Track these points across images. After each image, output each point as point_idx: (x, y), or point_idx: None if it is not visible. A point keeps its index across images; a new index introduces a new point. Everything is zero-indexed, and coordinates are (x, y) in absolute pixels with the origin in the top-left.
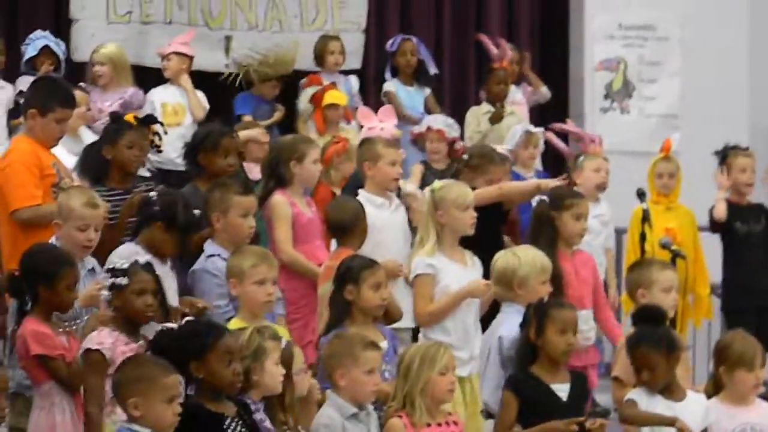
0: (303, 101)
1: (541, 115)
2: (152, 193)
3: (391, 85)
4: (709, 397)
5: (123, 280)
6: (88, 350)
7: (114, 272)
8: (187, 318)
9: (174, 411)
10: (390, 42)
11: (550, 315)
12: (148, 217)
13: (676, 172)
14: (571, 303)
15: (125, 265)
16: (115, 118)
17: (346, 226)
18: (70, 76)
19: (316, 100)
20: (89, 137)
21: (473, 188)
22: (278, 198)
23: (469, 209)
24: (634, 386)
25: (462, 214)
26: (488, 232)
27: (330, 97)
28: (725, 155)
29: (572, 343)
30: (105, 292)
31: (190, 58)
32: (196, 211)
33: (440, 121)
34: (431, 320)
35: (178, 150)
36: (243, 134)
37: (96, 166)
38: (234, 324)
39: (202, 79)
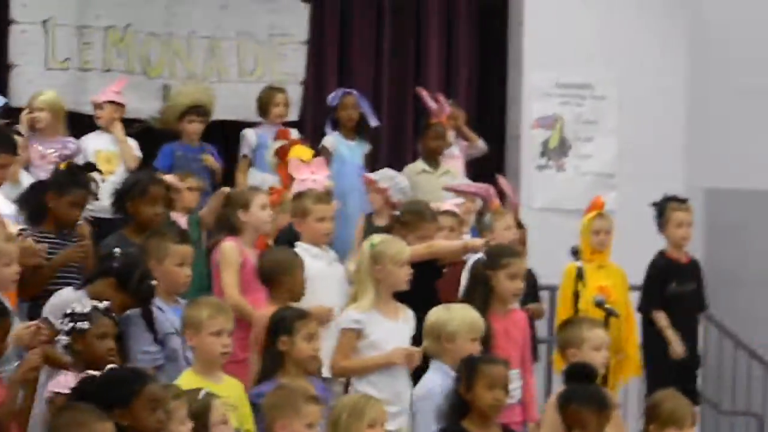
0: (269, 154)
1: (477, 171)
2: (116, 249)
3: (331, 139)
4: None
5: (84, 324)
6: (56, 394)
7: (74, 316)
8: (110, 366)
9: None
10: (331, 95)
11: (480, 370)
12: (104, 270)
13: (611, 230)
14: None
15: (86, 309)
16: (72, 170)
17: (275, 277)
18: (8, 121)
19: (282, 153)
20: (28, 181)
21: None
22: (228, 244)
23: (406, 265)
24: None
25: (399, 270)
26: (423, 288)
27: (296, 152)
28: (663, 208)
29: (501, 398)
30: (63, 337)
31: (123, 106)
32: (153, 282)
33: (379, 174)
34: (344, 374)
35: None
36: (166, 179)
37: (36, 207)
38: (187, 376)
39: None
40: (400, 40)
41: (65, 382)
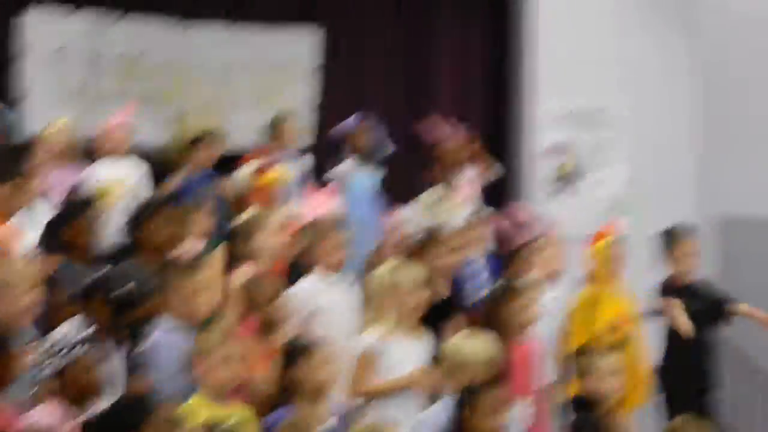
0: (243, 174)
1: (491, 196)
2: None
3: (347, 165)
4: None
5: (79, 351)
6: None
7: (66, 344)
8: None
9: None
10: (348, 121)
11: (480, 396)
12: (100, 294)
13: (625, 256)
14: (510, 390)
15: (78, 338)
16: (72, 201)
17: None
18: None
19: (258, 174)
20: (42, 208)
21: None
22: (243, 269)
23: (423, 289)
24: None
25: (417, 294)
26: (438, 308)
27: (271, 175)
28: (669, 238)
29: (500, 424)
30: (51, 363)
31: (132, 131)
32: (129, 285)
33: (400, 218)
34: (364, 397)
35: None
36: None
37: (54, 245)
38: (194, 401)
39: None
40: (414, 65)
41: (48, 413)
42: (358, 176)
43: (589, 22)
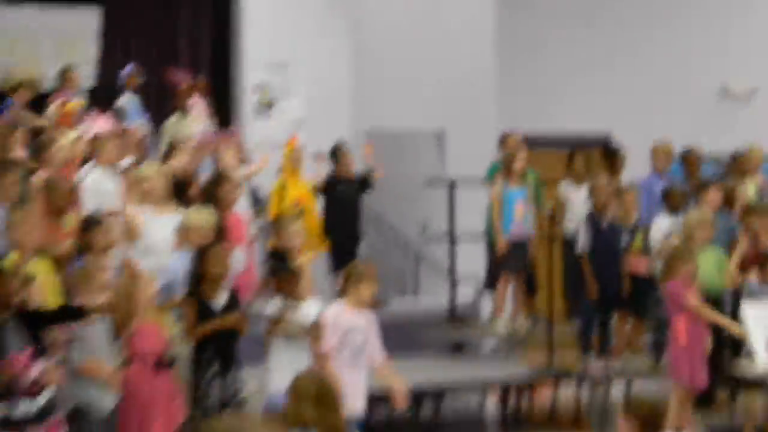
0: (52, 109)
1: (220, 117)
2: None
3: (126, 97)
4: None
5: None
6: None
7: None
8: None
9: None
10: (125, 69)
11: (211, 249)
12: None
13: (302, 157)
14: (228, 245)
15: None
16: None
17: None
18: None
19: (61, 106)
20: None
21: None
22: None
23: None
24: None
25: (162, 181)
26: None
27: (69, 106)
28: (336, 150)
29: (226, 269)
30: None
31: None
32: None
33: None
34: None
35: None
36: None
37: None
38: (12, 257)
39: None
40: (165, 33)
41: None
42: (131, 102)
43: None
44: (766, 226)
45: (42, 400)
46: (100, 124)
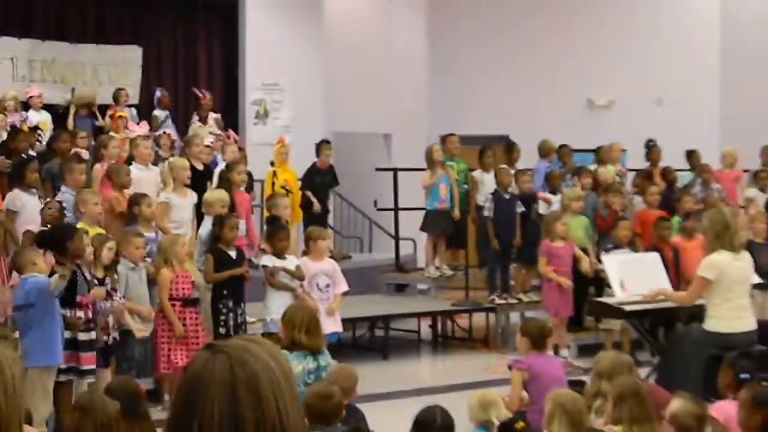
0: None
1: (227, 123)
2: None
3: (158, 111)
4: None
5: None
6: None
7: None
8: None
9: None
10: (157, 92)
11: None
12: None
13: (289, 152)
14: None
15: None
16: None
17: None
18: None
19: (114, 113)
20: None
21: None
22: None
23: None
24: None
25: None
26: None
27: (120, 113)
28: (320, 145)
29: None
30: None
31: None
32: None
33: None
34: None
35: None
36: None
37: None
38: (82, 225)
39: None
40: (188, 63)
41: None
42: (163, 115)
43: (277, 36)
44: (618, 200)
45: (95, 333)
46: (139, 130)
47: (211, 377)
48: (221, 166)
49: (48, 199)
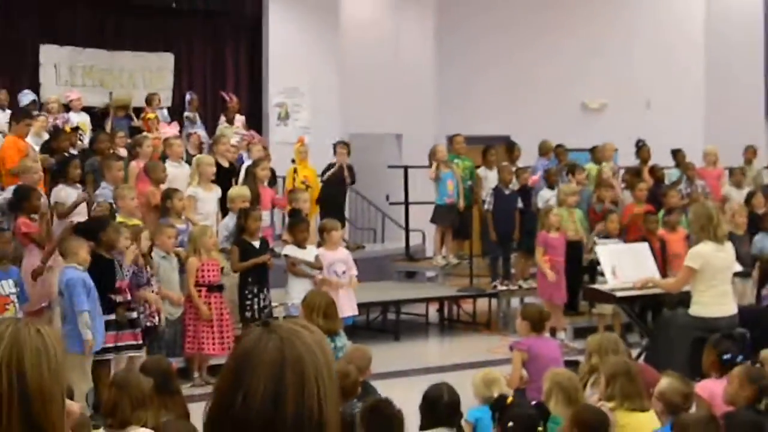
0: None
1: (251, 125)
2: None
3: (188, 113)
4: None
5: None
6: None
7: None
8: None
9: None
10: (187, 95)
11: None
12: None
13: (308, 150)
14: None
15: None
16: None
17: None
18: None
19: (146, 114)
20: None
21: None
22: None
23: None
24: None
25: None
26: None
27: (150, 115)
28: (337, 144)
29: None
30: None
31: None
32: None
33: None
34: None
35: None
36: None
37: None
38: (120, 218)
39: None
40: (215, 69)
41: None
42: (193, 117)
43: (297, 45)
44: (610, 195)
45: (133, 314)
46: (170, 130)
47: (262, 355)
48: (247, 163)
49: (98, 198)
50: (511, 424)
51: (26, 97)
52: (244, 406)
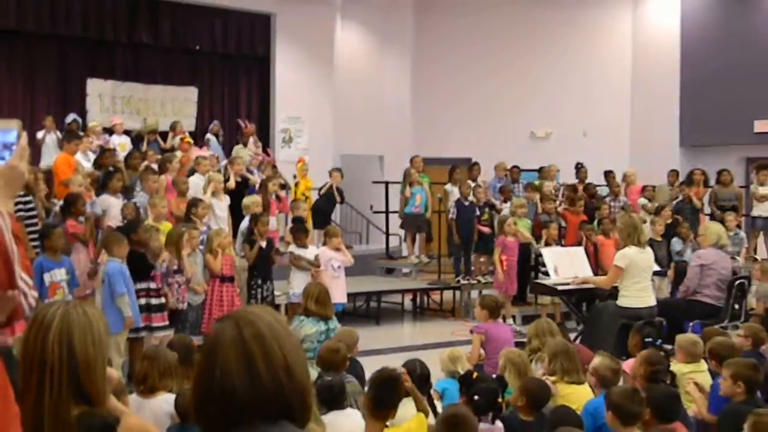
0: (175, 140)
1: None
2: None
3: (212, 140)
4: None
5: None
6: None
7: None
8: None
9: None
10: (211, 124)
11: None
12: None
13: (307, 168)
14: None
15: None
16: None
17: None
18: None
19: (183, 139)
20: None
21: None
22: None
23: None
24: None
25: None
26: None
27: (185, 139)
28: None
29: None
30: None
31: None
32: None
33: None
34: None
35: None
36: None
37: None
38: (150, 220)
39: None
40: (229, 100)
41: None
42: (213, 140)
43: (298, 81)
44: (552, 207)
45: (164, 299)
46: (201, 151)
47: (222, 337)
48: (260, 176)
49: (125, 202)
50: (477, 397)
51: (69, 117)
52: (223, 378)
